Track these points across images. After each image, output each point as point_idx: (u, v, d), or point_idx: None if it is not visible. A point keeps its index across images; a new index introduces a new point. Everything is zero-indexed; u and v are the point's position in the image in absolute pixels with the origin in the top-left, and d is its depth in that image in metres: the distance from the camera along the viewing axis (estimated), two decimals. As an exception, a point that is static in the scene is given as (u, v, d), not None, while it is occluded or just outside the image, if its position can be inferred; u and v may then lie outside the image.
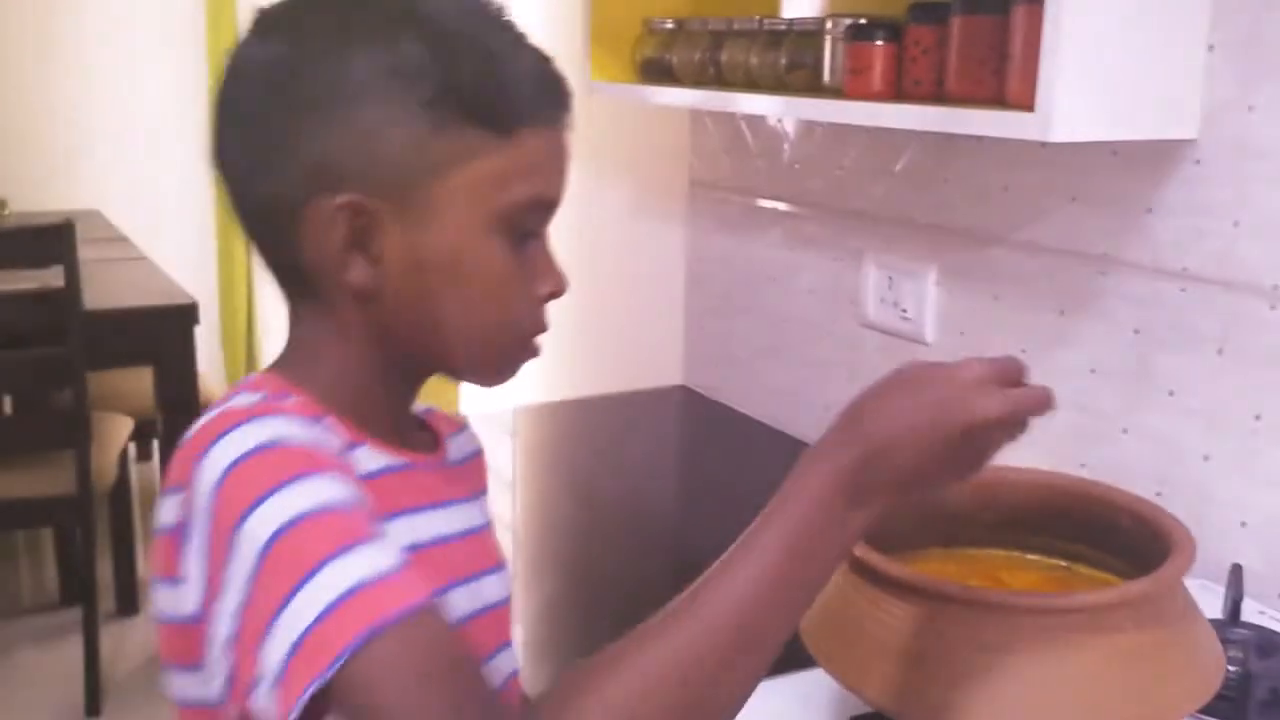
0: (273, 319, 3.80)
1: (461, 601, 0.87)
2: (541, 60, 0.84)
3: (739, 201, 2.12)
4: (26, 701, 2.91)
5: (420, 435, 0.94)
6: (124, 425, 3.09)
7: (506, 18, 0.85)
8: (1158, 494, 1.40)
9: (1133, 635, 0.85)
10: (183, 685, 0.82)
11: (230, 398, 0.82)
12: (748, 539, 0.72)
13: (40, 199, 4.05)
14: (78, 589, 3.23)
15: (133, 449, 3.35)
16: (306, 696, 0.66)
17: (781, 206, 2.02)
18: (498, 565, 0.95)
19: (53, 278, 2.68)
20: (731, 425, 2.13)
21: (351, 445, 0.83)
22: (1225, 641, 0.97)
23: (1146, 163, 1.39)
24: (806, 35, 1.69)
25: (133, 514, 3.32)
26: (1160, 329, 1.40)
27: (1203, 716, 1.01)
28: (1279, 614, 1.26)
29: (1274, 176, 1.27)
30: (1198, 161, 1.34)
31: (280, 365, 0.87)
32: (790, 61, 1.71)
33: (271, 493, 0.71)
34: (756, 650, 0.71)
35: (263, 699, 0.69)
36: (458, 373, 0.89)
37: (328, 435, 0.80)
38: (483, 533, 0.95)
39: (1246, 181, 1.29)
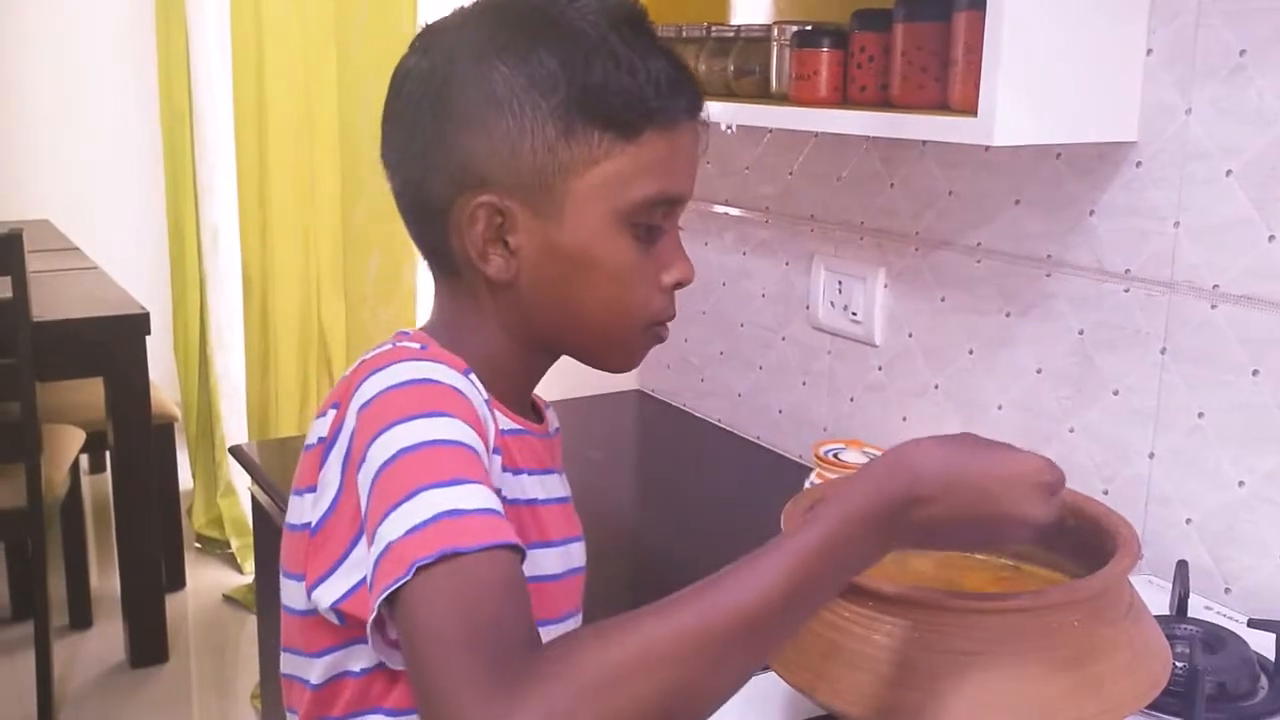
0: (225, 329, 3.78)
1: (558, 560, 0.96)
2: (669, 63, 0.91)
3: (690, 207, 2.12)
4: (-22, 718, 2.88)
5: (532, 408, 1.03)
6: (75, 437, 3.06)
7: (638, 24, 0.92)
8: (1104, 492, 1.42)
9: (1081, 633, 0.87)
10: (289, 591, 0.93)
11: (394, 342, 0.92)
12: (785, 539, 0.74)
13: (-13, 210, 4.01)
14: (29, 603, 3.21)
15: (84, 461, 3.32)
16: (381, 598, 0.73)
17: (733, 211, 2.03)
18: (581, 535, 1.04)
19: (4, 289, 2.65)
20: (687, 428, 2.14)
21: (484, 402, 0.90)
22: (1172, 637, 0.99)
23: (1089, 166, 1.41)
24: (754, 42, 1.70)
25: (84, 526, 3.29)
26: (1104, 329, 1.42)
27: (1152, 712, 1.02)
28: (1225, 609, 1.28)
29: (1213, 178, 1.29)
30: (1139, 164, 1.36)
31: (430, 330, 0.96)
32: (738, 68, 1.72)
33: (406, 419, 0.80)
34: (758, 646, 0.73)
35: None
36: (585, 356, 0.98)
37: (474, 388, 0.88)
38: (570, 503, 1.04)
39: (1186, 183, 1.32)
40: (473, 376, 0.89)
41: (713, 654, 0.70)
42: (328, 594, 0.86)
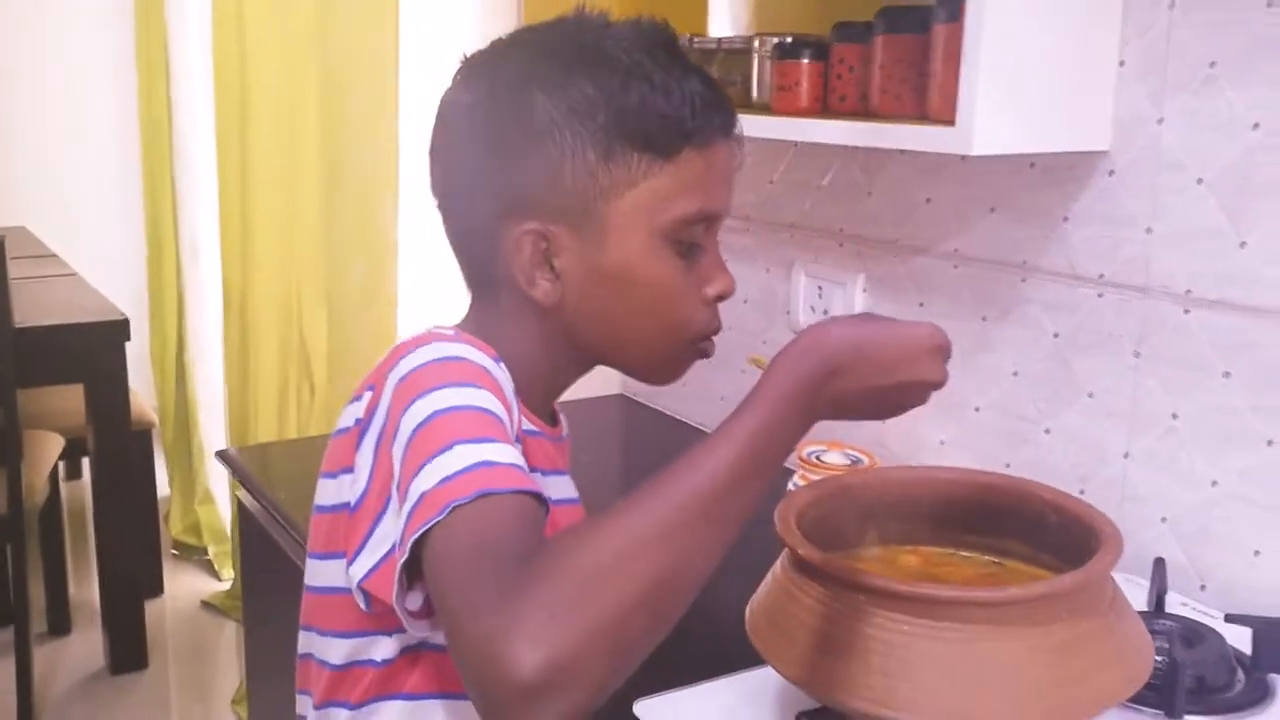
0: (203, 337, 3.78)
1: None
2: (703, 84, 0.95)
3: (671, 213, 2.15)
4: (-43, 726, 2.88)
5: (548, 413, 1.06)
6: (55, 443, 3.06)
7: (673, 46, 0.96)
8: (1080, 491, 1.46)
9: (1066, 627, 0.90)
10: (318, 572, 0.96)
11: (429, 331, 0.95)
12: (725, 427, 0.79)
13: (-37, 217, 4.00)
14: (8, 610, 3.20)
15: (61, 467, 3.32)
16: (414, 538, 0.76)
17: (713, 218, 2.06)
18: None
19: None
20: (670, 431, 2.17)
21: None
22: (1152, 632, 1.02)
23: (1063, 174, 1.45)
24: (735, 54, 1.73)
25: (63, 533, 3.29)
26: (1079, 333, 1.46)
27: (1133, 705, 1.06)
28: (1201, 605, 1.32)
29: (1185, 186, 1.33)
30: (1111, 172, 1.40)
31: (463, 329, 0.98)
32: (720, 79, 1.74)
33: (439, 388, 0.84)
34: (724, 524, 0.78)
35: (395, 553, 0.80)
36: (630, 371, 1.03)
37: (504, 374, 0.91)
38: (579, 505, 1.07)
39: (1159, 191, 1.35)
40: (502, 365, 0.92)
41: (686, 537, 0.75)
42: (358, 571, 0.89)
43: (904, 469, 1.27)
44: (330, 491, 0.94)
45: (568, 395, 1.08)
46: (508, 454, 0.80)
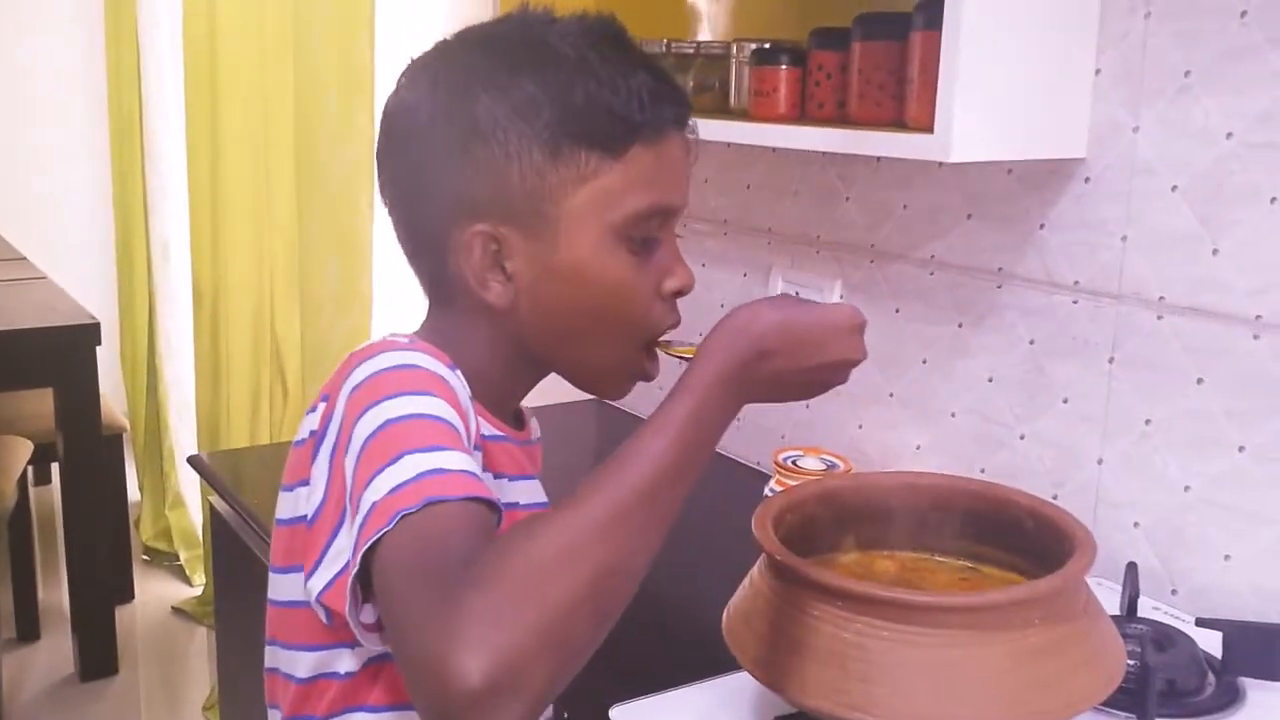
0: (174, 339, 3.76)
1: None
2: (652, 76, 0.93)
3: (647, 219, 2.16)
4: (-76, 733, 2.85)
5: (514, 415, 1.04)
6: (23, 448, 3.03)
7: (620, 40, 0.94)
8: (1054, 496, 1.47)
9: (1041, 631, 0.90)
10: (280, 586, 0.95)
11: (395, 345, 0.92)
12: (658, 415, 0.80)
13: (-70, 219, 3.96)
14: (-24, 616, 3.18)
15: (30, 473, 3.30)
16: (363, 549, 0.76)
17: (691, 224, 2.06)
18: None
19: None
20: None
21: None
22: (1124, 636, 1.02)
23: (1039, 181, 1.46)
24: (713, 59, 1.74)
25: (32, 538, 3.26)
26: (1054, 339, 1.47)
27: (1105, 709, 1.06)
28: (1172, 609, 1.32)
29: (1159, 193, 1.34)
30: (1087, 180, 1.41)
31: (422, 334, 0.98)
32: (698, 84, 1.75)
33: (390, 397, 0.83)
34: (664, 512, 0.78)
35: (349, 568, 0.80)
36: (578, 378, 1.00)
37: (459, 382, 0.90)
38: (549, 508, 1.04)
39: (1134, 198, 1.36)
40: (458, 373, 0.90)
41: (628, 528, 0.74)
42: (316, 584, 0.88)
43: (882, 474, 1.27)
44: (288, 504, 0.94)
45: (542, 400, 1.07)
46: (459, 461, 0.79)
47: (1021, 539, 1.07)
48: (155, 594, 3.55)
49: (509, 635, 0.68)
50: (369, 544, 0.75)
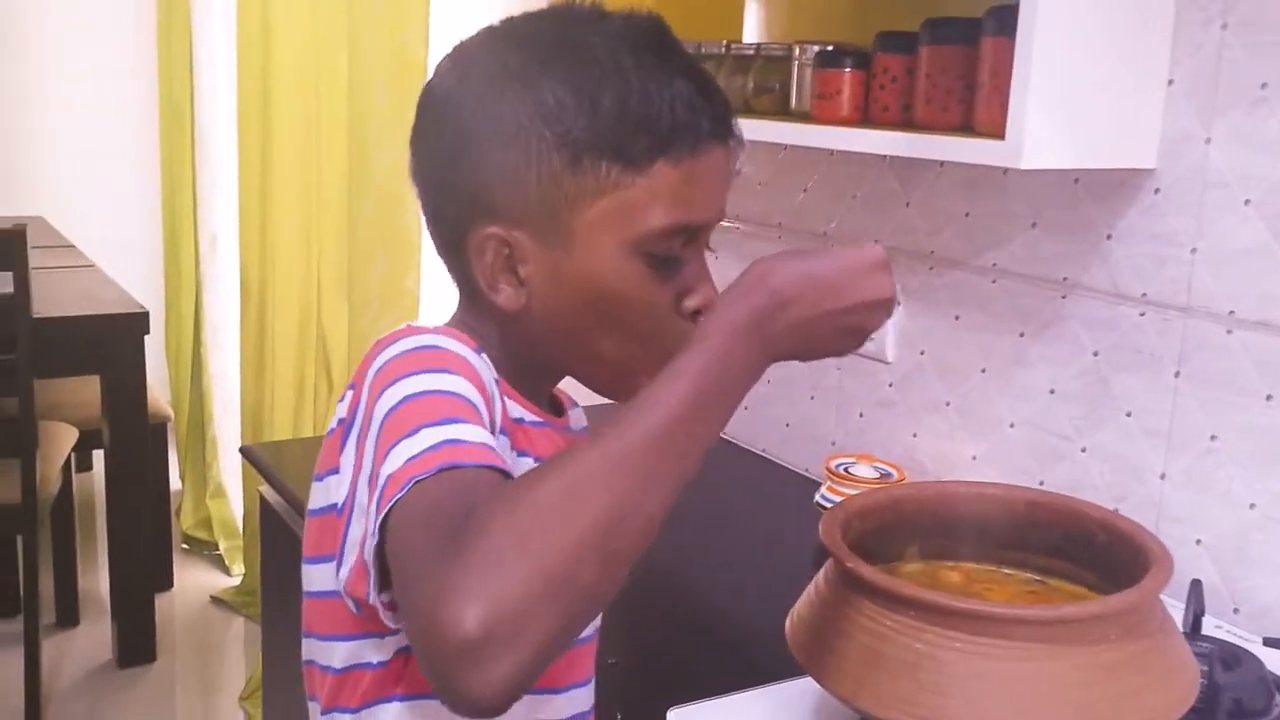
0: (220, 331, 3.78)
1: None
2: (691, 86, 0.88)
3: (700, 220, 2.15)
4: (-37, 715, 2.87)
5: (549, 404, 1.02)
6: (68, 435, 3.05)
7: (661, 46, 0.90)
8: (1114, 510, 1.44)
9: (1116, 647, 0.89)
10: (312, 577, 0.94)
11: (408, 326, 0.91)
12: (673, 365, 0.77)
13: (-19, 205, 4.00)
14: (16, 600, 3.19)
15: (73, 460, 3.32)
16: (381, 516, 0.74)
17: (744, 227, 2.05)
18: None
19: (1, 284, 2.65)
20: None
21: (500, 395, 0.90)
22: (1191, 654, 1.01)
23: (1107, 191, 1.44)
24: (774, 60, 1.73)
25: (74, 525, 3.28)
26: (1119, 352, 1.45)
27: (1174, 727, 1.05)
28: (1234, 628, 1.30)
29: (1231, 206, 1.32)
30: (1157, 191, 1.39)
31: (451, 326, 0.96)
32: (758, 85, 1.74)
33: (408, 375, 0.81)
34: (675, 461, 0.75)
35: (368, 544, 0.78)
36: (595, 386, 0.96)
37: (485, 365, 0.88)
38: None
39: (1205, 211, 1.35)
40: (484, 356, 0.89)
41: (636, 475, 0.72)
42: (344, 573, 0.87)
43: (949, 483, 1.26)
44: (320, 494, 0.92)
45: (582, 400, 1.05)
46: (476, 434, 0.78)
47: (1092, 553, 1.05)
48: (194, 583, 3.56)
49: (508, 583, 0.65)
50: (384, 513, 0.74)
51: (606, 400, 0.95)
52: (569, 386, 1.02)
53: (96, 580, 3.47)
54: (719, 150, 0.90)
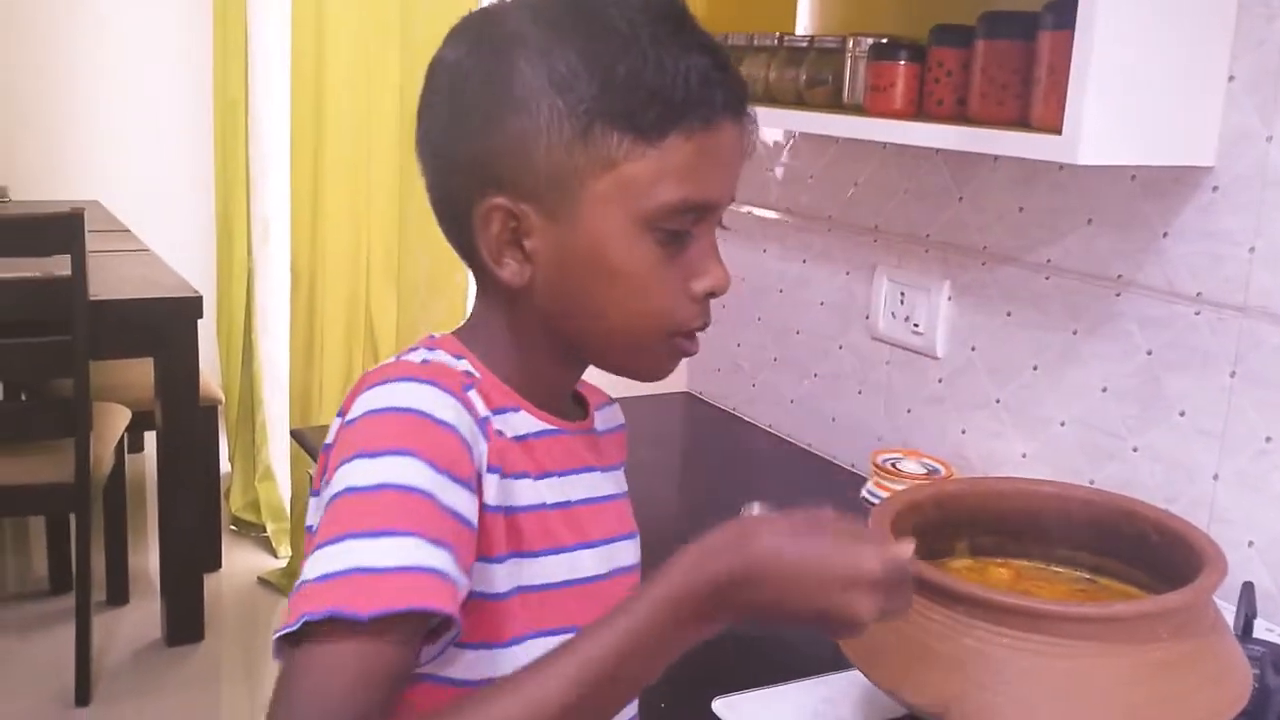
0: (271, 316, 3.81)
1: (600, 561, 0.93)
2: (708, 61, 0.85)
3: (749, 213, 2.15)
4: (13, 690, 2.91)
5: (574, 405, 1.00)
6: (122, 416, 3.09)
7: (679, 20, 0.87)
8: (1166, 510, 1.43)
9: (1169, 646, 0.89)
10: None
11: (410, 350, 0.90)
12: (617, 611, 0.75)
13: (39, 188, 4.05)
14: (68, 577, 3.24)
15: (125, 440, 3.36)
16: (276, 637, 0.72)
17: (792, 220, 2.05)
18: (631, 533, 1.00)
19: (53, 267, 2.68)
20: (737, 432, 2.16)
21: (506, 409, 0.89)
22: (1241, 656, 1.00)
23: (1164, 188, 1.43)
24: (827, 53, 1.72)
25: (125, 505, 3.32)
26: (1173, 351, 1.43)
27: (1224, 728, 1.04)
28: (1286, 631, 1.29)
29: (1291, 206, 1.30)
30: (1215, 188, 1.38)
31: (462, 329, 0.94)
32: (810, 78, 1.74)
33: (370, 454, 0.77)
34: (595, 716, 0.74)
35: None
36: (607, 364, 0.93)
37: (464, 410, 0.83)
38: (620, 501, 1.01)
39: (1264, 210, 1.33)
40: (473, 392, 0.85)
41: None
42: None
43: (999, 480, 1.25)
44: (312, 509, 0.90)
45: (629, 390, 1.03)
46: (402, 552, 0.74)
47: (1143, 552, 1.05)
48: (242, 564, 3.61)
49: None
50: (279, 634, 0.73)
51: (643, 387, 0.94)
52: (606, 382, 1.01)
53: (146, 560, 3.52)
54: (733, 127, 0.88)
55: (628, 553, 0.99)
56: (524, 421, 0.90)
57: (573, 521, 0.92)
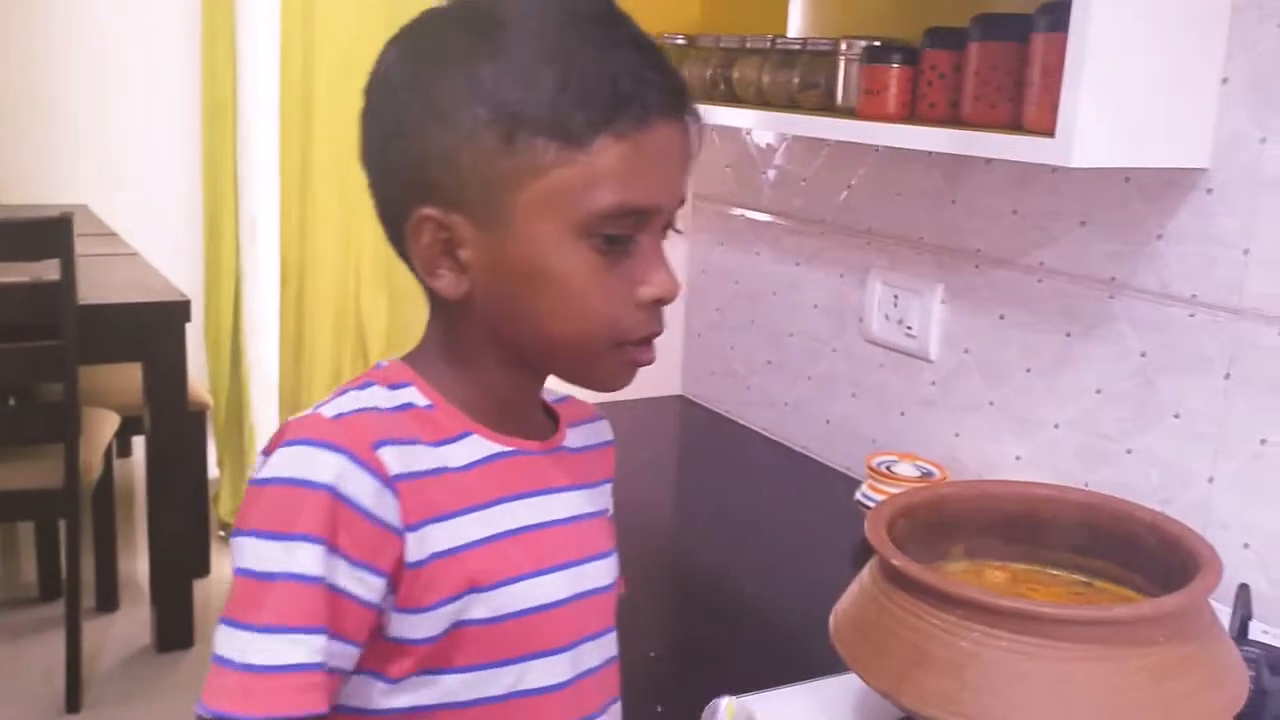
0: (259, 319, 3.80)
1: (563, 585, 0.90)
2: (639, 62, 0.83)
3: (742, 216, 2.15)
4: (3, 697, 2.90)
5: (540, 422, 0.96)
6: (111, 421, 3.08)
7: (605, 20, 0.85)
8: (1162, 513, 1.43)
9: (1165, 649, 0.89)
10: None
11: (348, 386, 0.88)
12: None
13: (25, 192, 4.02)
14: (57, 584, 3.23)
15: (113, 446, 3.35)
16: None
17: (785, 223, 2.04)
18: (605, 552, 0.97)
19: (43, 271, 2.67)
20: (731, 435, 2.16)
21: (455, 437, 0.87)
22: (1239, 658, 1.00)
23: (1158, 190, 1.43)
24: (820, 55, 1.72)
25: (114, 510, 3.31)
26: (1167, 353, 1.43)
27: (1222, 731, 1.04)
28: (1282, 633, 1.29)
29: (1285, 208, 1.30)
30: (1209, 190, 1.38)
31: (414, 350, 0.92)
32: (803, 81, 1.74)
33: (258, 535, 0.79)
34: None
35: None
36: (559, 374, 0.91)
37: (370, 473, 0.80)
38: (593, 520, 0.96)
39: (1258, 212, 1.33)
40: (382, 451, 0.81)
41: None
42: None
43: (996, 483, 1.25)
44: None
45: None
46: (293, 650, 0.77)
47: (1139, 555, 1.05)
48: (231, 570, 3.58)
49: None
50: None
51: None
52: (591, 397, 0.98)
53: (135, 566, 3.50)
54: (671, 128, 0.85)
55: (601, 573, 0.96)
56: (476, 447, 0.88)
57: (533, 546, 0.89)
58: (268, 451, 0.82)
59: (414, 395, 0.87)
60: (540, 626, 0.88)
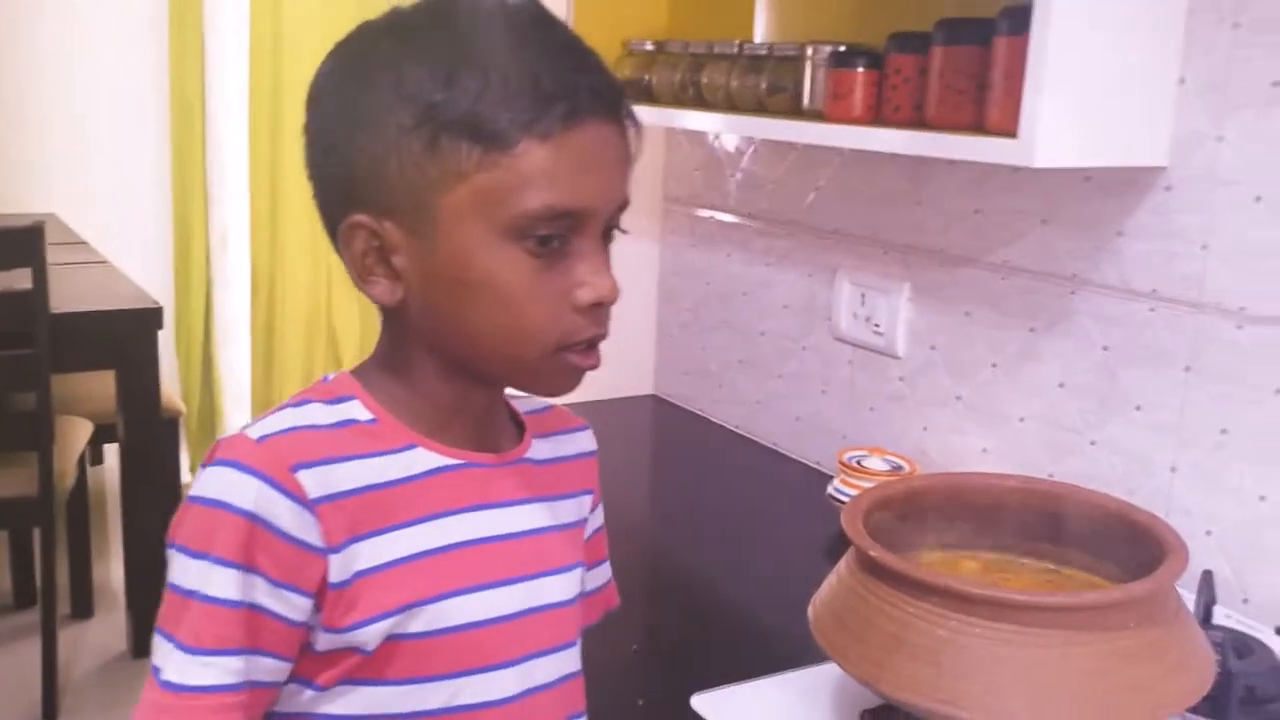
0: (231, 326, 3.80)
1: (512, 600, 0.89)
2: (564, 62, 0.83)
3: (712, 218, 2.18)
4: (-21, 706, 2.90)
5: (504, 432, 0.96)
6: (84, 428, 3.07)
7: (532, 23, 0.85)
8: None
9: (1134, 634, 0.92)
10: None
11: (290, 401, 0.88)
12: None
13: (-6, 201, 4.01)
14: (32, 592, 3.22)
15: (87, 453, 3.34)
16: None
17: (755, 224, 2.08)
18: (565, 566, 0.95)
19: (14, 280, 2.67)
20: (704, 433, 2.19)
21: (399, 449, 0.86)
22: (1204, 642, 1.03)
23: (1118, 188, 1.47)
24: (787, 60, 1.75)
25: (88, 518, 3.30)
26: (1129, 347, 1.47)
27: (1189, 714, 1.07)
28: (1244, 618, 1.33)
29: (1242, 203, 1.34)
30: (1168, 188, 1.41)
31: (363, 364, 0.92)
32: (770, 85, 1.77)
33: (185, 552, 0.81)
34: None
35: None
36: (504, 381, 0.91)
37: (283, 505, 0.81)
38: (554, 533, 0.95)
39: (1215, 208, 1.37)
40: (301, 474, 0.81)
41: None
42: None
43: (967, 475, 1.28)
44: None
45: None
46: (208, 672, 0.80)
47: (1107, 543, 1.08)
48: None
49: None
50: None
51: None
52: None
53: (110, 573, 3.49)
54: (602, 128, 0.84)
55: (558, 588, 0.94)
56: (419, 460, 0.87)
57: (478, 560, 0.88)
58: (206, 462, 0.84)
59: (356, 410, 0.87)
60: (481, 641, 0.87)
